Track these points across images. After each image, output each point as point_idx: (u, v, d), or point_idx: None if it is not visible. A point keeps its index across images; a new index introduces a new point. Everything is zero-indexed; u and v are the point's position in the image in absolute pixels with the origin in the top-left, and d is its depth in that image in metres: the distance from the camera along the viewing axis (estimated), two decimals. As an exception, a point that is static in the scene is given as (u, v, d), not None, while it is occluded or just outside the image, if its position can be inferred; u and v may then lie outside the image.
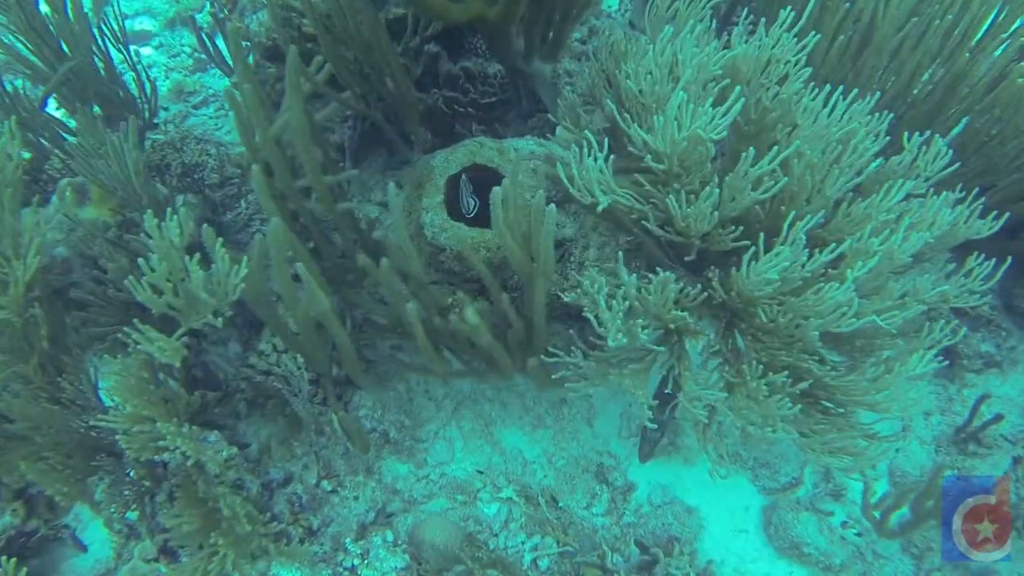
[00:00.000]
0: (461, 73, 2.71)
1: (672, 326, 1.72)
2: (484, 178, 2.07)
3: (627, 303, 1.67)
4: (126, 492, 1.91)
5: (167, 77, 3.51)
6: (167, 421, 1.73)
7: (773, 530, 2.31)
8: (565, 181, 1.74)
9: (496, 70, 2.77)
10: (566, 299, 1.83)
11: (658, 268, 1.77)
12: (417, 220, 2.05)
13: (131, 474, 1.92)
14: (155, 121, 2.99)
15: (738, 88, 1.58)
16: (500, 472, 2.41)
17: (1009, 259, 1.81)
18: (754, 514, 2.40)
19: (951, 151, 1.75)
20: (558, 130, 2.36)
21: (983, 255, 1.83)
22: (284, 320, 2.07)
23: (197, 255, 1.72)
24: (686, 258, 1.83)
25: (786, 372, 1.66)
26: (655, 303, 1.69)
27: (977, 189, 1.81)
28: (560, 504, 2.36)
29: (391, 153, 3.00)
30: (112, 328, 2.23)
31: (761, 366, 1.68)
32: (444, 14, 1.87)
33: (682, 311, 1.72)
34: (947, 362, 2.52)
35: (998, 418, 2.31)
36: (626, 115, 1.83)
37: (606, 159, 1.70)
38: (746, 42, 1.73)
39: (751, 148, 1.59)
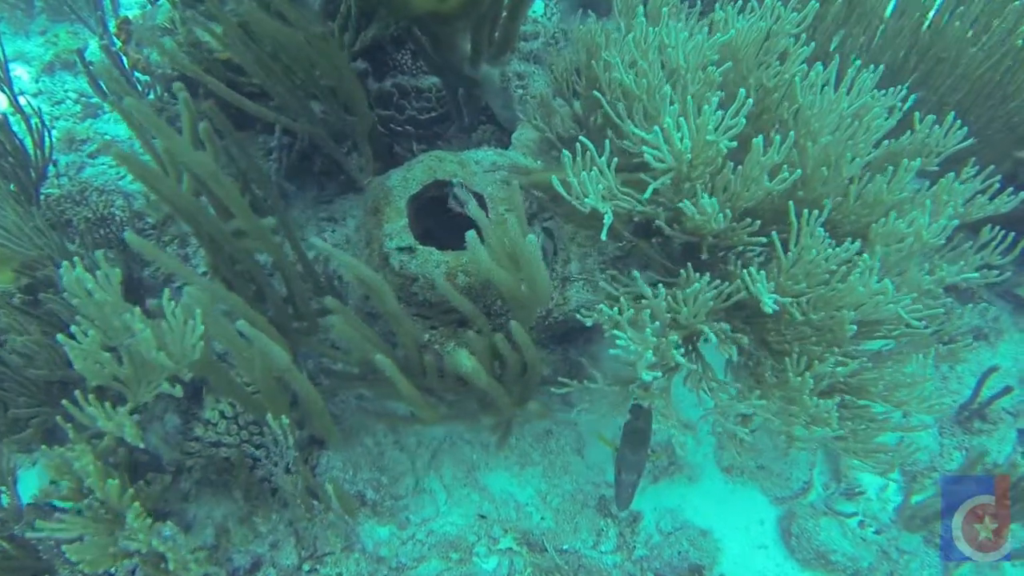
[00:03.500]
0: (394, 90, 2.49)
1: (702, 333, 1.53)
2: (446, 196, 1.86)
3: (656, 323, 1.46)
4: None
5: (53, 126, 3.13)
6: (136, 516, 1.42)
7: (795, 542, 2.15)
8: (562, 190, 1.53)
9: (430, 84, 2.56)
10: (587, 323, 1.61)
11: (683, 273, 1.59)
12: (380, 249, 1.81)
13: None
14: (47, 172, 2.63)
15: (742, 91, 1.41)
16: (493, 520, 2.17)
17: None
18: (770, 527, 2.23)
19: (964, 127, 1.63)
20: (514, 137, 2.16)
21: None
22: (237, 383, 1.80)
23: (137, 310, 1.42)
24: (701, 256, 1.65)
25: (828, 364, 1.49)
26: (688, 315, 1.50)
27: (992, 167, 1.70)
28: (565, 547, 2.13)
29: (321, 187, 2.74)
30: (34, 412, 1.89)
31: (802, 361, 1.51)
32: (408, 3, 1.65)
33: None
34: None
35: (1007, 390, 2.22)
36: (620, 110, 1.64)
37: (608, 164, 1.50)
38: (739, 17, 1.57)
39: (760, 136, 1.43)
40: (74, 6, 3.35)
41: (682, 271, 1.58)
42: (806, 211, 1.42)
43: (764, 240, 1.54)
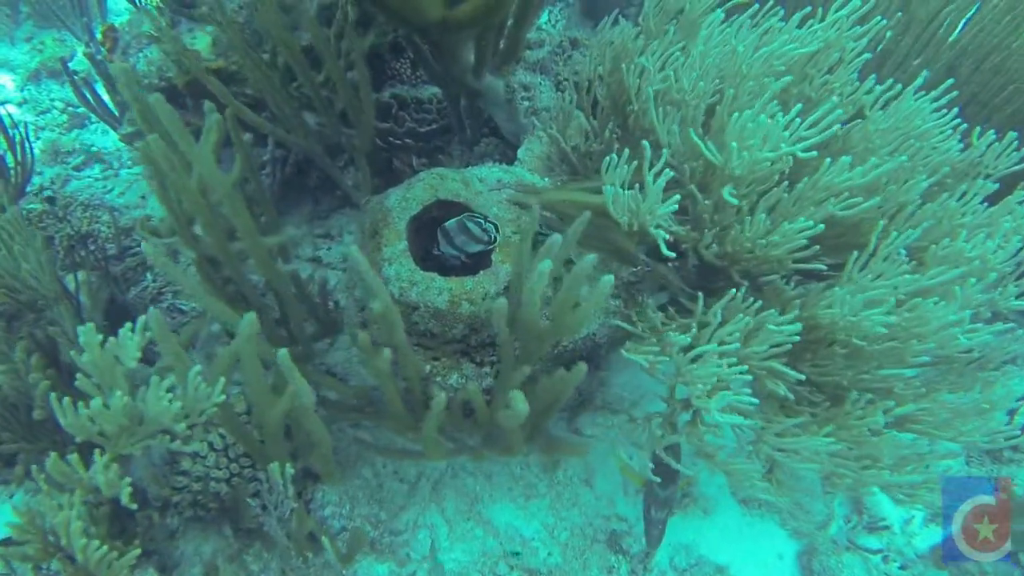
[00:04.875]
0: (393, 101, 2.37)
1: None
2: (448, 217, 1.74)
3: (735, 361, 1.35)
4: None
5: (37, 137, 3.01)
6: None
7: (817, 580, 2.04)
8: (611, 206, 1.42)
9: (431, 94, 2.44)
10: (642, 361, 1.49)
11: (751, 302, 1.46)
12: (378, 274, 1.69)
13: None
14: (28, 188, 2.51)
15: (834, 99, 1.30)
16: (498, 557, 2.05)
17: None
18: (790, 562, 2.12)
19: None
20: (520, 152, 2.05)
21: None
22: (239, 419, 1.69)
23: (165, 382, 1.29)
24: (730, 282, 1.54)
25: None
26: (763, 354, 1.38)
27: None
28: (575, 586, 2.02)
29: (317, 202, 2.63)
30: (19, 448, 1.77)
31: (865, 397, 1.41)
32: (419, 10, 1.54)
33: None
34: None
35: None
36: (660, 116, 1.53)
37: (655, 179, 1.38)
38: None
39: (842, 157, 1.32)
40: (60, 12, 3.24)
41: (753, 299, 1.46)
42: (895, 233, 1.32)
43: (823, 267, 1.42)
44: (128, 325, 1.31)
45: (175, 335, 1.33)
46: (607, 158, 1.47)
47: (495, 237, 1.66)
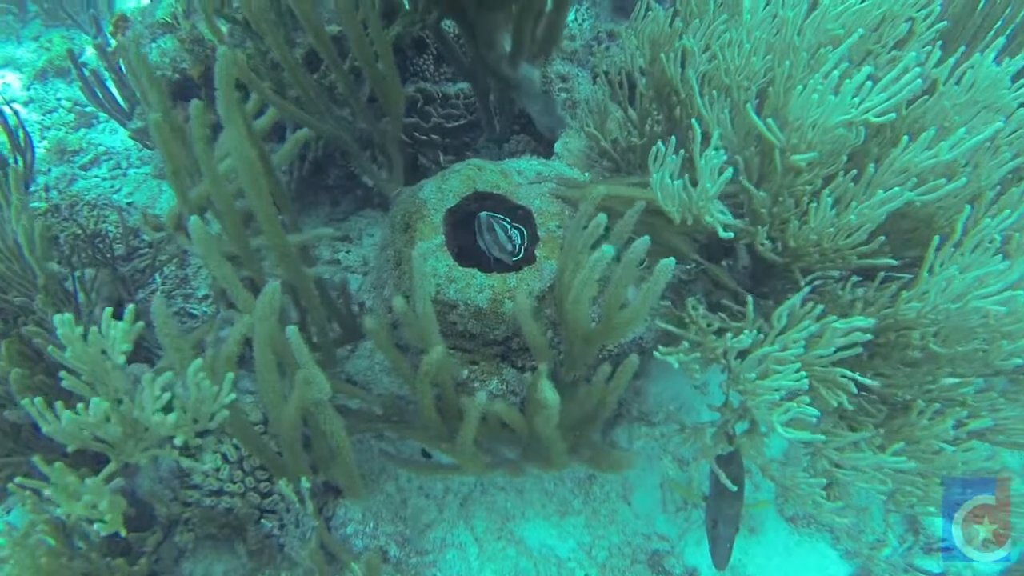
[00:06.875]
0: (419, 95, 2.26)
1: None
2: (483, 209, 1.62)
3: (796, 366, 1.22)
4: None
5: (43, 136, 2.90)
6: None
7: (875, 606, 1.90)
8: (661, 199, 1.30)
9: (457, 90, 2.33)
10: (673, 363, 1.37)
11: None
12: (412, 271, 1.57)
13: None
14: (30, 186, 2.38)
15: (912, 55, 1.17)
16: (532, 579, 1.91)
17: None
18: (842, 586, 1.98)
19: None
20: (558, 146, 1.93)
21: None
22: (252, 428, 1.55)
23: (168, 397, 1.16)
24: (789, 280, 1.42)
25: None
26: (825, 357, 1.25)
27: None
28: (615, 611, 1.87)
29: (335, 202, 2.51)
30: (3, 463, 1.64)
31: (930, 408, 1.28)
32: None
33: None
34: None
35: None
36: (705, 102, 1.41)
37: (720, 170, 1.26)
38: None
39: (920, 135, 1.19)
40: (68, 7, 3.13)
41: (813, 303, 1.33)
42: (987, 220, 1.19)
43: (893, 260, 1.29)
44: (109, 311, 1.17)
45: (177, 327, 1.19)
46: (654, 147, 1.36)
47: (520, 248, 1.54)
